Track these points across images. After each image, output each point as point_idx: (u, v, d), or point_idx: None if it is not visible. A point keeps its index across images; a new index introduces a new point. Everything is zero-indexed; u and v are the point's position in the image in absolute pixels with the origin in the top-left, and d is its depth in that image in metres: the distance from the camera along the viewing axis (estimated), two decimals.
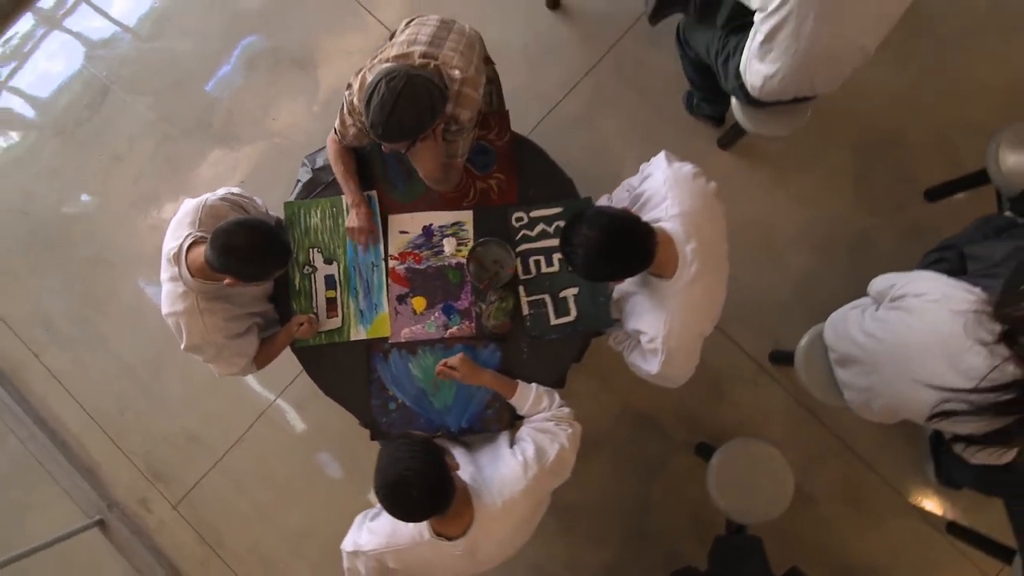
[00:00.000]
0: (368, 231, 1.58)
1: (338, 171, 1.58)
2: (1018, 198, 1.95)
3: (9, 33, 2.83)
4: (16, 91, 2.79)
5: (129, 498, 2.43)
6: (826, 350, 1.83)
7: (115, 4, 2.79)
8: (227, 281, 1.30)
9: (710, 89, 2.15)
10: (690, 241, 1.22)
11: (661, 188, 1.30)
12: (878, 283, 1.67)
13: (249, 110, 2.62)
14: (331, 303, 1.63)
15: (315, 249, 1.65)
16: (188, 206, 1.45)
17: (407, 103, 1.22)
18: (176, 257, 1.35)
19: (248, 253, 1.26)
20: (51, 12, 2.83)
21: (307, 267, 1.65)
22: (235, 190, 1.57)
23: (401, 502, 1.13)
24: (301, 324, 1.55)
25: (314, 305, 1.63)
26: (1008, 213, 1.95)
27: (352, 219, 1.57)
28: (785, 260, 2.42)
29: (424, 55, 1.39)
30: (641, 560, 2.34)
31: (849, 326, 1.68)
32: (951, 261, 1.89)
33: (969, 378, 1.31)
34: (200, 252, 1.31)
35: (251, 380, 2.47)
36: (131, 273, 2.53)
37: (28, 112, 2.77)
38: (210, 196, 1.47)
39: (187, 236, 1.36)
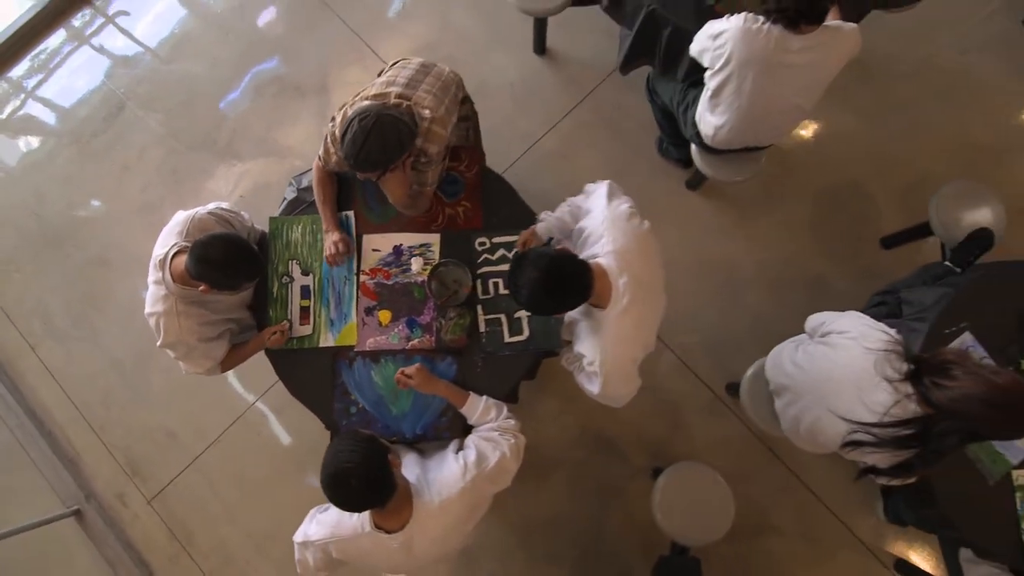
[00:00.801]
0: (345, 255, 1.73)
1: (318, 198, 1.74)
2: (956, 249, 2.08)
3: (40, 48, 3.07)
4: (40, 100, 3.02)
5: (107, 491, 2.53)
6: (767, 382, 1.94)
7: (139, 26, 3.03)
8: (202, 288, 1.44)
9: (676, 134, 2.32)
10: (623, 275, 1.35)
11: (599, 227, 1.44)
12: (812, 320, 1.79)
13: (252, 131, 2.82)
14: (304, 312, 1.77)
15: (294, 261, 1.80)
16: (179, 218, 1.60)
17: (375, 139, 1.39)
18: (161, 263, 1.50)
19: (221, 264, 1.40)
20: (80, 29, 3.07)
21: (285, 277, 1.79)
22: (224, 205, 1.72)
23: (341, 492, 1.24)
24: (274, 334, 1.69)
25: (289, 313, 1.76)
26: (947, 263, 2.08)
27: (328, 247, 1.73)
28: (744, 297, 2.55)
29: (399, 95, 1.56)
30: None
31: (783, 358, 1.80)
32: (890, 305, 2.02)
33: (874, 412, 1.40)
34: (183, 260, 1.45)
35: (233, 382, 2.59)
36: (129, 275, 2.69)
37: (49, 121, 2.98)
38: (200, 210, 1.62)
39: (173, 245, 1.52)
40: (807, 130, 2.71)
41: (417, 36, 2.88)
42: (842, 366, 1.54)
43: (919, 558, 2.33)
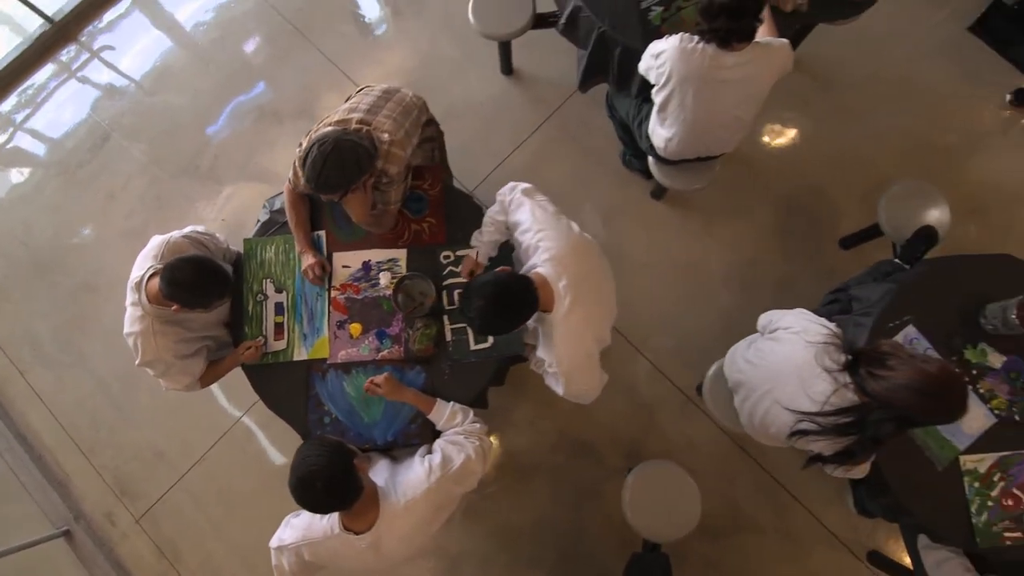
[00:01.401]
0: (321, 275, 1.83)
1: (291, 219, 1.84)
2: (904, 246, 2.18)
3: (28, 83, 3.18)
4: (28, 132, 3.13)
5: (96, 511, 2.58)
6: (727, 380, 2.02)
7: (123, 59, 3.15)
8: (174, 308, 1.52)
9: (637, 147, 2.42)
10: (561, 279, 1.44)
11: (533, 240, 1.54)
12: (762, 319, 1.88)
13: (234, 157, 2.92)
14: (279, 327, 1.85)
15: (268, 280, 1.89)
16: (154, 242, 1.69)
17: (334, 164, 1.49)
18: (137, 285, 1.59)
19: (189, 285, 1.49)
20: (67, 64, 3.18)
21: (260, 295, 1.87)
22: (200, 228, 1.81)
23: (308, 495, 1.31)
24: (248, 349, 1.76)
25: (264, 329, 1.84)
26: (896, 260, 2.18)
27: (305, 270, 1.82)
28: (712, 300, 2.63)
29: (360, 121, 1.66)
30: None
31: (737, 356, 1.88)
32: (842, 302, 2.10)
33: (815, 402, 1.48)
34: (157, 282, 1.54)
35: (218, 400, 2.66)
36: (115, 300, 2.71)
37: (37, 152, 3.09)
38: (175, 234, 1.71)
39: (149, 268, 1.60)
40: (768, 137, 2.83)
41: (390, 62, 3.00)
42: (786, 359, 1.62)
43: (889, 548, 2.39)
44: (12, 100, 3.16)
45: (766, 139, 2.83)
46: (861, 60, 2.90)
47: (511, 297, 1.40)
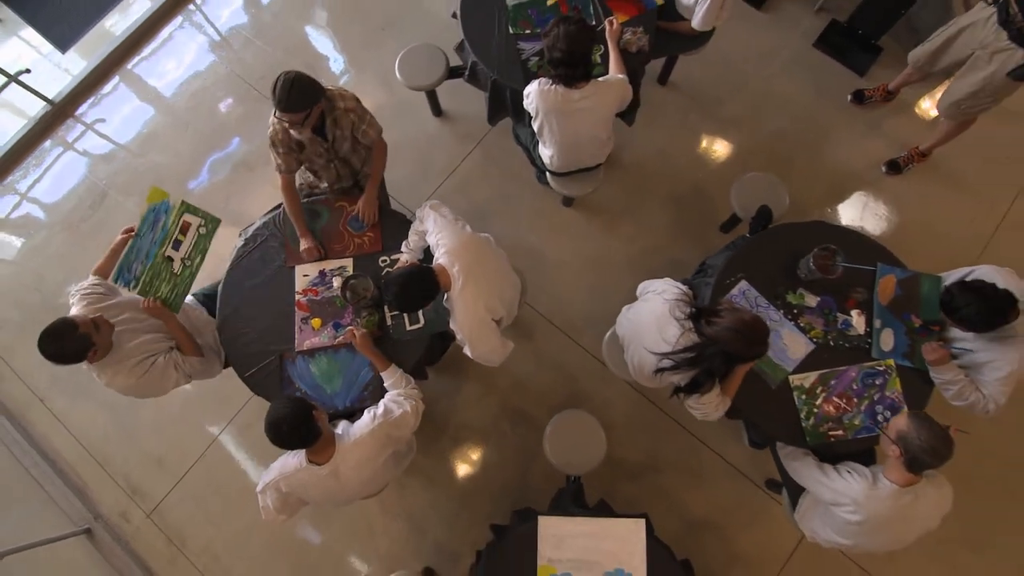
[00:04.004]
0: (315, 252, 2.34)
1: (288, 210, 2.37)
2: (751, 223, 2.75)
3: (32, 156, 3.71)
4: (34, 198, 3.63)
5: (112, 511, 3.00)
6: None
7: (113, 128, 3.70)
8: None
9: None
10: (454, 265, 1.95)
11: (435, 240, 2.04)
12: (639, 287, 2.39)
13: (213, 202, 3.44)
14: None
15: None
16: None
17: (296, 85, 1.96)
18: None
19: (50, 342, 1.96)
20: (64, 137, 3.72)
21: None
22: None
23: (276, 434, 1.78)
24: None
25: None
26: (747, 235, 2.74)
27: (302, 249, 2.34)
28: (620, 284, 3.15)
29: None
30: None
31: (621, 317, 2.40)
32: (705, 269, 2.65)
33: (668, 343, 1.97)
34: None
35: (209, 408, 3.11)
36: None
37: (43, 214, 3.59)
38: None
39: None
40: (656, 148, 3.43)
41: None
42: (650, 313, 2.14)
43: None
44: (18, 173, 3.69)
45: (653, 149, 3.42)
46: (729, 78, 3.54)
47: (416, 281, 1.91)
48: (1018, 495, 2.87)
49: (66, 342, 1.97)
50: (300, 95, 2.01)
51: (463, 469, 2.99)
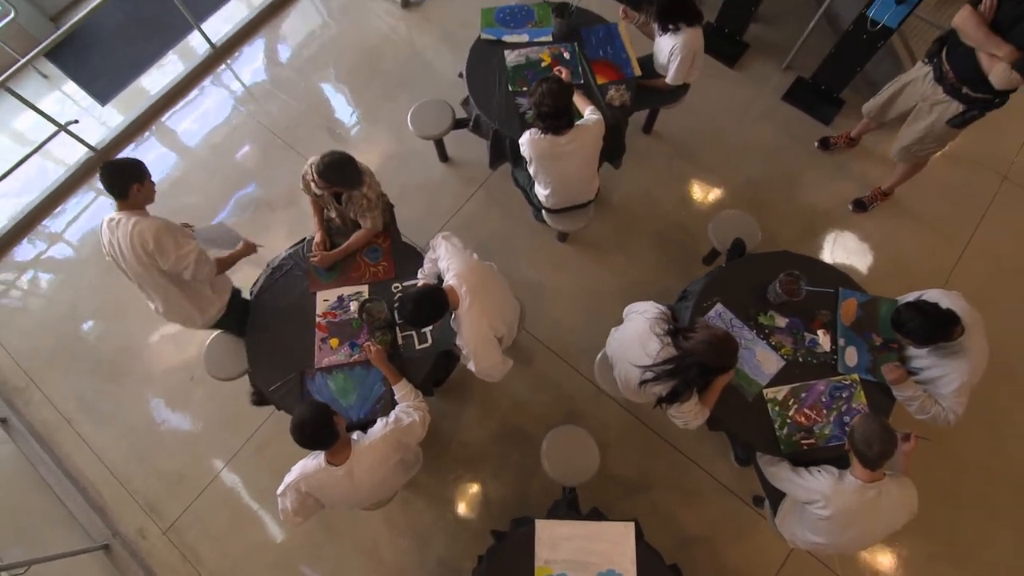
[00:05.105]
0: (323, 245, 2.70)
1: (314, 208, 2.77)
2: (727, 255, 3.04)
3: (69, 202, 4.04)
4: (68, 239, 3.94)
5: (130, 528, 3.14)
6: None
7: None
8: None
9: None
10: (462, 286, 2.22)
11: (446, 265, 2.32)
12: (625, 309, 2.64)
13: None
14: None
15: None
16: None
17: (338, 166, 2.40)
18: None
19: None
20: (94, 183, 4.06)
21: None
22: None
23: (300, 434, 1.99)
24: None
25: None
26: (723, 265, 3.02)
27: (316, 238, 2.71)
28: (612, 312, 3.36)
29: None
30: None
31: (610, 338, 2.65)
32: (685, 297, 2.91)
33: (650, 356, 2.21)
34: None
35: (226, 429, 3.30)
36: (143, 359, 3.48)
37: (76, 251, 3.88)
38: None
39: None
40: (643, 190, 3.76)
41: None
42: (633, 330, 2.39)
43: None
44: (57, 216, 4.01)
45: (640, 191, 3.76)
46: (707, 128, 3.93)
47: (429, 298, 2.18)
48: (999, 512, 3.02)
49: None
50: (339, 176, 2.47)
51: (465, 487, 3.15)
